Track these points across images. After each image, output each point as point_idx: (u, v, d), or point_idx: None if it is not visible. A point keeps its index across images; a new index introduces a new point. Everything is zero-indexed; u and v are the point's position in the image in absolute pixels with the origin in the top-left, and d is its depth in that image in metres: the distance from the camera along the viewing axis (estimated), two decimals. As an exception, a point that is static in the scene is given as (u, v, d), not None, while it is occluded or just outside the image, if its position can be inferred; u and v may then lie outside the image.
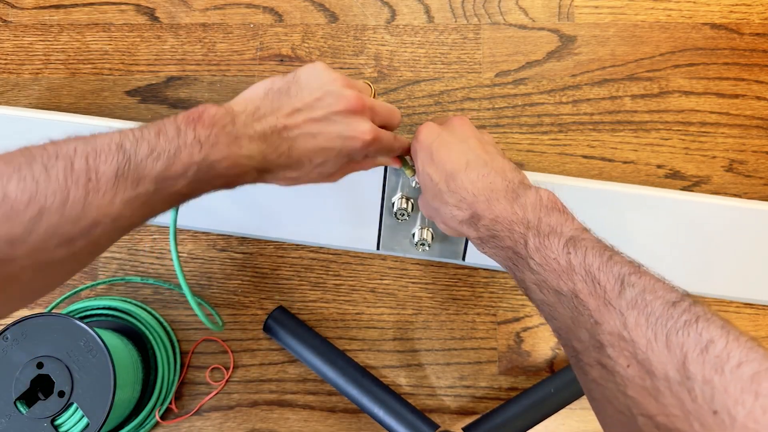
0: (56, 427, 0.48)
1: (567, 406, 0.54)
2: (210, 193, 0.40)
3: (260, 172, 0.41)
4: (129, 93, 0.64)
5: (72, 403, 0.48)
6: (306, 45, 0.65)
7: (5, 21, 0.66)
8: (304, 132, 0.42)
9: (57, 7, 0.66)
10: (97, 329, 0.50)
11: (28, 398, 0.48)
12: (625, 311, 0.30)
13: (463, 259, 0.58)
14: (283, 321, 0.56)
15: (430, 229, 0.56)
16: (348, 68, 0.64)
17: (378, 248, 0.58)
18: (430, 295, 0.59)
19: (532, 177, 0.56)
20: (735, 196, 0.60)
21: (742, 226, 0.56)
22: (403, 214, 0.55)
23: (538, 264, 0.36)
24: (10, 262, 0.32)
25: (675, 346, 0.28)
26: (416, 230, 0.56)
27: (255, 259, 0.60)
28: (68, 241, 0.33)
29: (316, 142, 0.42)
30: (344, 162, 0.44)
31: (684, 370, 0.27)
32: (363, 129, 0.43)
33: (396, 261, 0.60)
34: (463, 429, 0.53)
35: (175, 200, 0.38)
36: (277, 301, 0.59)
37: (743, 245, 0.56)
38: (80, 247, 0.34)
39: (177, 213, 0.48)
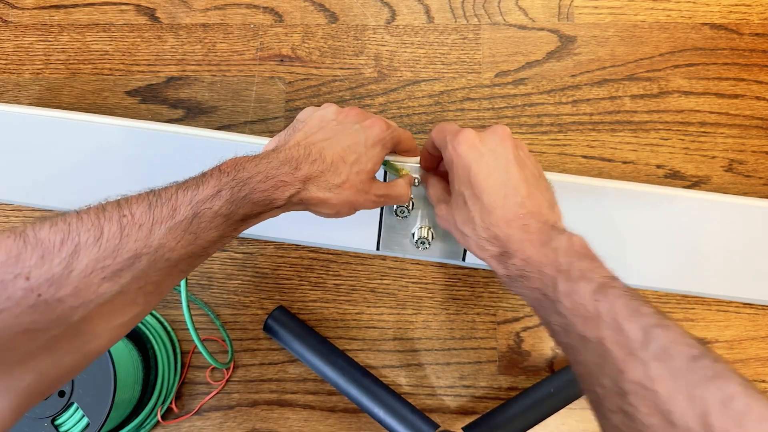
0: (56, 427, 0.48)
1: (567, 406, 0.54)
2: (263, 217, 0.42)
3: (300, 183, 0.42)
4: (129, 93, 0.64)
5: (72, 403, 0.48)
6: (306, 45, 0.65)
7: (5, 21, 0.66)
8: (327, 136, 0.44)
9: (57, 7, 0.66)
10: (97, 329, 0.50)
11: (29, 398, 0.48)
12: (648, 362, 0.32)
13: (463, 259, 0.58)
14: (283, 321, 0.56)
15: (430, 228, 0.56)
16: (348, 68, 0.64)
17: (378, 248, 0.58)
18: (430, 295, 0.60)
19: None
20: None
21: (742, 225, 0.56)
22: (404, 212, 0.55)
23: (566, 308, 0.37)
24: (58, 302, 0.31)
25: (697, 399, 0.29)
26: (416, 229, 0.56)
27: (255, 259, 0.60)
28: (113, 275, 0.33)
29: (339, 141, 0.44)
30: (377, 154, 0.46)
31: (705, 424, 0.29)
32: (376, 117, 0.48)
33: (396, 261, 0.60)
34: (463, 429, 0.53)
35: (222, 224, 0.38)
36: (277, 301, 0.59)
37: (743, 245, 0.56)
38: (128, 281, 0.33)
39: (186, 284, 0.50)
